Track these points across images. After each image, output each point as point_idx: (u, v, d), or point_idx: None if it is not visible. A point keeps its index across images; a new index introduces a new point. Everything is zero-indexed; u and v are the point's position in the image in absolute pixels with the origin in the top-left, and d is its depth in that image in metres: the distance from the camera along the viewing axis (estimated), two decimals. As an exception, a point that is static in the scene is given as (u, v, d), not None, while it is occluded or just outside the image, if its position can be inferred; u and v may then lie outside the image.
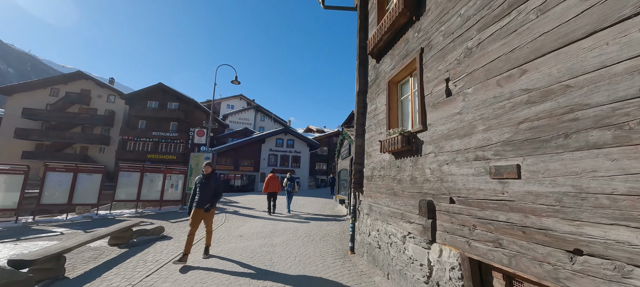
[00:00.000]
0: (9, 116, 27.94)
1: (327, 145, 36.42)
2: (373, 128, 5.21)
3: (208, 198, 4.83)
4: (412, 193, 3.48)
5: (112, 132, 30.71)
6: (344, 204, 10.05)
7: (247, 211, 10.85)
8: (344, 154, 10.70)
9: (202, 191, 4.82)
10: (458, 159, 2.71)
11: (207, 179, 4.91)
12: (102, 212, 10.78)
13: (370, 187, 5.06)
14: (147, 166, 11.58)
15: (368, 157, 5.33)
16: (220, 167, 26.50)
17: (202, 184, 4.87)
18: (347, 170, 9.98)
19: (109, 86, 31.80)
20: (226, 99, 50.66)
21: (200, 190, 4.83)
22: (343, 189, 11.63)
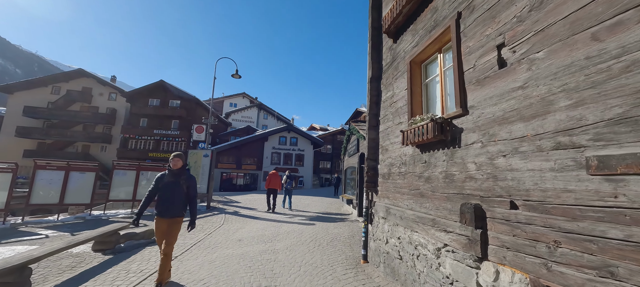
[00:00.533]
0: (10, 115, 27.72)
1: (331, 143, 35.72)
2: (389, 118, 4.49)
3: (179, 204, 3.53)
4: (446, 194, 2.77)
5: (114, 131, 30.36)
6: (351, 205, 9.35)
7: (248, 211, 10.21)
8: (351, 151, 9.99)
9: (168, 193, 3.49)
10: (523, 148, 1.99)
11: (175, 176, 3.55)
12: (96, 212, 10.24)
13: (387, 187, 4.35)
14: (143, 163, 11.00)
15: (384, 152, 4.61)
16: (222, 165, 25.97)
17: (168, 185, 3.51)
18: (354, 167, 9.29)
19: (110, 84, 31.45)
20: (229, 97, 50.20)
21: (165, 192, 3.49)
22: (350, 188, 10.92)
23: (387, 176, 4.35)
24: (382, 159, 4.63)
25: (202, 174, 10.52)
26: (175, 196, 3.51)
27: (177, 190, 3.52)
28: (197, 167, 10.70)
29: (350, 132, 9.84)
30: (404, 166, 3.78)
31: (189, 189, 3.62)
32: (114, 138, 30.19)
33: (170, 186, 3.54)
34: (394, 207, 3.95)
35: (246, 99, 50.42)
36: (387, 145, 4.51)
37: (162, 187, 3.54)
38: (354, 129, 8.92)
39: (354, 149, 9.41)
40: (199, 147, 11.55)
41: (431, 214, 3.00)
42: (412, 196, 3.46)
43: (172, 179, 3.56)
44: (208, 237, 6.49)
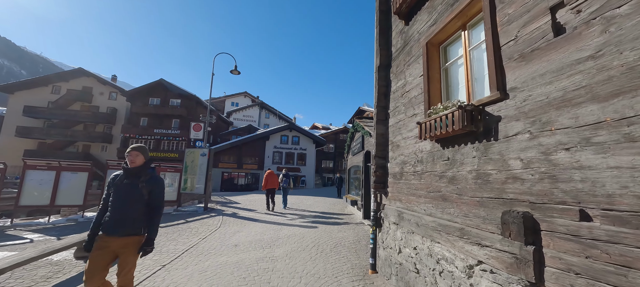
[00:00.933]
0: (10, 114, 27.56)
1: (333, 142, 35.19)
2: (401, 110, 3.97)
3: (137, 217, 2.47)
4: (479, 199, 2.25)
5: (114, 130, 30.11)
6: (356, 206, 8.84)
7: (248, 212, 9.74)
8: (355, 149, 9.46)
9: (121, 200, 2.45)
10: (599, 138, 1.47)
11: (133, 178, 2.51)
12: (90, 214, 9.83)
13: (398, 188, 3.83)
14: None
15: (395, 149, 4.09)
16: (223, 165, 25.58)
17: (122, 189, 2.48)
18: (359, 166, 8.77)
19: (110, 83, 31.19)
20: (230, 96, 49.86)
21: (116, 199, 2.45)
22: (354, 189, 10.40)
23: (399, 175, 3.82)
24: (393, 156, 4.11)
25: (199, 174, 10.07)
26: (130, 204, 2.44)
27: (135, 196, 2.46)
28: (194, 167, 10.25)
29: (355, 129, 9.32)
30: (420, 164, 3.26)
31: (152, 196, 2.55)
32: (114, 138, 29.94)
33: (124, 190, 2.46)
34: (408, 211, 3.43)
35: (248, 98, 50.03)
36: (398, 140, 3.98)
37: (113, 192, 2.48)
38: (358, 126, 8.40)
39: (358, 147, 8.89)
40: (195, 145, 11.10)
41: (457, 221, 2.48)
42: (432, 200, 2.94)
43: (128, 180, 2.49)
44: (202, 242, 6.01)
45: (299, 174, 27.39)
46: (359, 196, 8.57)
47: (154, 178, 2.64)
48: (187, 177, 10.39)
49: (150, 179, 2.60)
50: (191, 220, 8.46)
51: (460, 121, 2.31)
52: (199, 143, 11.06)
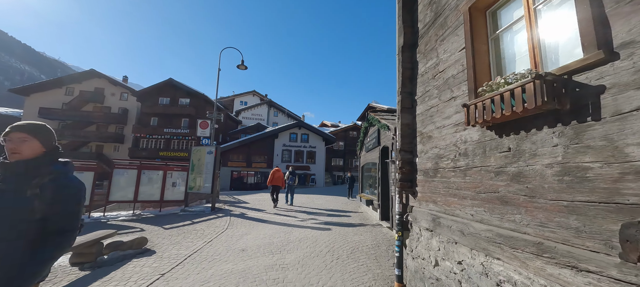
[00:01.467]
0: (27, 116, 28.24)
1: (343, 140, 34.52)
2: (433, 95, 3.34)
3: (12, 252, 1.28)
4: (568, 203, 1.62)
5: (126, 130, 30.45)
6: (371, 206, 8.22)
7: (256, 213, 9.27)
8: (369, 145, 8.83)
9: None
10: None
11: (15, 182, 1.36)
12: (96, 214, 9.61)
13: (432, 187, 3.21)
14: (145, 162, 10.29)
15: (425, 141, 3.46)
16: (233, 163, 25.37)
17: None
18: (375, 163, 8.13)
19: (121, 84, 31.55)
20: (239, 95, 49.84)
21: None
22: (369, 187, 9.77)
23: (433, 172, 3.20)
24: (423, 149, 3.49)
25: (206, 173, 9.68)
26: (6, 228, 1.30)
27: (16, 213, 1.33)
28: (200, 166, 9.87)
29: (369, 123, 8.68)
30: (463, 158, 2.63)
31: (52, 214, 1.40)
32: (126, 138, 30.28)
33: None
34: (447, 216, 2.81)
35: (256, 97, 49.88)
36: (429, 131, 3.36)
37: None
38: (373, 120, 7.76)
39: (373, 143, 8.25)
40: (201, 143, 10.73)
41: (528, 232, 1.85)
42: (483, 202, 2.31)
43: (5, 185, 1.36)
44: (207, 246, 5.55)
45: (309, 172, 26.91)
46: (376, 196, 7.95)
47: (60, 182, 1.46)
48: (194, 176, 10.02)
49: (54, 182, 1.43)
50: (197, 221, 8.06)
51: (539, 96, 1.67)
52: (205, 141, 10.68)
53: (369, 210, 8.83)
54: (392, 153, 6.41)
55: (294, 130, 27.44)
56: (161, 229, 7.27)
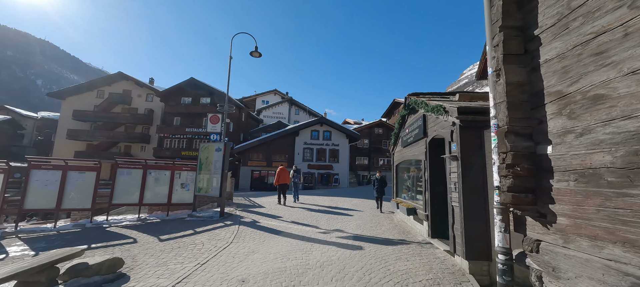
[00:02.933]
0: (63, 119, 29.70)
1: (368, 137, 32.41)
2: (595, 16, 1.50)
3: None
4: None
5: (151, 130, 30.97)
6: (414, 216, 6.37)
7: (271, 221, 7.82)
8: (409, 138, 6.96)
9: None
10: None
11: None
12: (100, 218, 8.77)
13: (607, 210, 1.38)
14: (150, 161, 9.30)
15: (580, 109, 1.64)
16: (252, 163, 24.48)
17: None
18: (419, 161, 6.26)
19: (147, 85, 32.19)
20: (260, 94, 49.58)
21: None
22: (406, 190, 7.90)
23: (612, 174, 1.39)
24: (574, 127, 1.68)
25: (214, 173, 8.43)
26: None
27: None
28: (209, 165, 8.65)
29: (408, 109, 6.82)
30: None
31: None
32: (151, 138, 30.79)
33: None
34: None
35: (278, 96, 49.27)
36: (594, 86, 1.54)
37: None
38: (416, 103, 5.91)
39: (415, 134, 6.39)
40: (209, 139, 9.55)
41: None
42: None
43: None
44: (198, 271, 4.13)
45: (332, 172, 25.27)
46: (420, 203, 6.10)
47: None
48: (202, 177, 8.83)
49: None
50: (201, 230, 6.78)
51: None
52: (214, 136, 9.47)
53: (409, 220, 6.97)
54: (450, 145, 4.56)
55: (316, 128, 25.95)
56: (156, 240, 6.05)
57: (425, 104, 5.45)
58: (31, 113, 40.78)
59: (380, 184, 9.51)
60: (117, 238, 6.30)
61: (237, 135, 32.14)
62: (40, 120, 37.54)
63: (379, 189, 9.50)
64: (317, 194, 16.17)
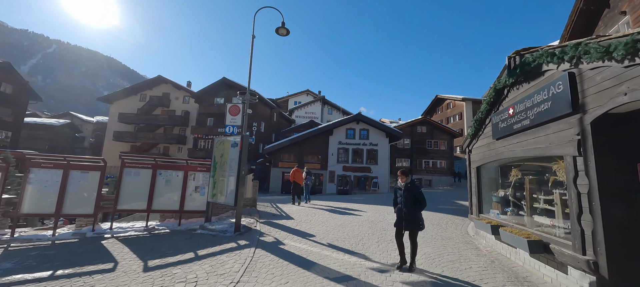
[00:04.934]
0: (111, 122, 31.55)
1: (409, 136, 28.97)
2: None
3: None
4: None
5: (188, 132, 31.43)
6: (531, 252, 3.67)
7: (300, 242, 5.68)
8: (522, 120, 4.25)
9: None
10: None
11: None
12: (105, 225, 7.52)
13: None
14: (161, 160, 7.86)
15: None
16: (283, 164, 22.92)
17: None
18: (550, 159, 3.58)
19: (184, 88, 32.88)
20: (293, 95, 48.85)
21: None
22: (501, 205, 5.19)
23: None
24: None
25: (229, 174, 6.61)
26: None
27: None
28: (223, 164, 6.87)
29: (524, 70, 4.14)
30: None
31: None
32: (188, 139, 31.23)
33: None
34: None
35: (310, 96, 47.97)
36: None
37: None
38: (551, 55, 3.27)
39: (545, 111, 3.69)
40: (226, 132, 7.82)
41: None
42: None
43: None
44: None
45: (370, 174, 22.59)
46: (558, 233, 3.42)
47: None
48: (216, 180, 7.08)
49: None
50: (204, 254, 4.90)
51: None
52: (231, 128, 7.71)
53: (519, 255, 4.28)
54: None
55: (351, 126, 23.52)
56: (140, 268, 4.30)
57: (585, 48, 2.82)
58: (90, 118, 44.98)
59: (408, 199, 4.22)
60: (99, 260, 4.72)
61: (268, 135, 31.12)
62: (95, 124, 40.99)
63: (409, 210, 4.19)
64: (355, 200, 13.74)
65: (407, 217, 4.14)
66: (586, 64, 2.96)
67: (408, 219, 4.14)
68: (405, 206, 4.18)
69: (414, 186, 4.29)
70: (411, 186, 4.27)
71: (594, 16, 7.86)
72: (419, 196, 4.18)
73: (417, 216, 4.16)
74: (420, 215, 4.20)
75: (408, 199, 4.18)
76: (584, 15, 7.95)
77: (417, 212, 4.18)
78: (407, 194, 4.21)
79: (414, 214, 4.15)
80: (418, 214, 4.18)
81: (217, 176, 7.04)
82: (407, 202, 4.18)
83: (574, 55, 2.98)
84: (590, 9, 7.85)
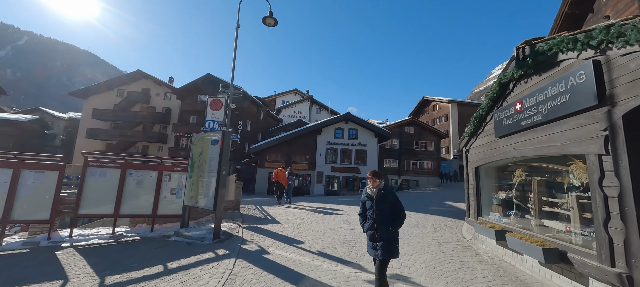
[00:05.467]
0: (84, 118, 29.52)
1: (397, 137, 28.96)
2: None
3: None
4: None
5: (169, 130, 29.96)
6: (544, 258, 3.30)
7: (287, 249, 5.11)
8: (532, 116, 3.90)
9: None
10: None
11: None
12: (64, 233, 6.62)
13: None
14: (132, 159, 7.04)
15: None
16: (270, 164, 22.17)
17: None
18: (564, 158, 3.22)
19: (165, 83, 31.32)
20: (280, 94, 48.09)
21: None
22: (502, 208, 4.86)
23: None
24: None
25: (209, 174, 5.93)
26: None
27: None
28: (202, 163, 6.18)
29: (536, 61, 3.78)
30: None
31: None
32: (169, 137, 29.76)
33: None
34: None
35: (298, 96, 47.34)
36: None
37: None
38: (572, 42, 2.91)
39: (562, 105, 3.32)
40: (205, 128, 7.14)
41: None
42: None
43: None
44: None
45: (358, 175, 22.26)
46: (576, 240, 3.06)
47: None
48: (194, 180, 6.38)
49: None
50: (175, 267, 4.23)
51: None
52: (210, 124, 7.03)
53: (527, 263, 3.93)
54: None
55: (340, 125, 23.13)
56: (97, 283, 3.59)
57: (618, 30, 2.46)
58: (61, 114, 42.08)
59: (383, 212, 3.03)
60: (45, 276, 3.94)
61: (255, 134, 30.18)
62: (68, 121, 38.36)
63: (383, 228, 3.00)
64: (344, 202, 13.29)
65: (381, 239, 2.94)
66: (617, 50, 2.60)
67: (382, 240, 2.93)
68: (379, 222, 2.97)
69: (389, 193, 3.07)
70: (385, 193, 3.05)
71: (578, 20, 7.89)
72: (397, 205, 3.03)
73: (393, 237, 2.97)
74: (397, 235, 3.03)
75: (382, 212, 2.98)
76: (569, 19, 8.01)
77: (395, 231, 2.99)
78: (381, 205, 3.00)
79: (389, 233, 2.94)
80: (395, 234, 3.00)
81: (195, 176, 6.34)
82: (381, 217, 2.96)
83: (603, 40, 2.63)
84: (575, 13, 7.95)
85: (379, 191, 3.06)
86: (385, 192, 3.06)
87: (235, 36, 7.94)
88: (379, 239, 2.95)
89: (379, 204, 3.01)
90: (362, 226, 3.23)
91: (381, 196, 3.04)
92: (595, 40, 2.71)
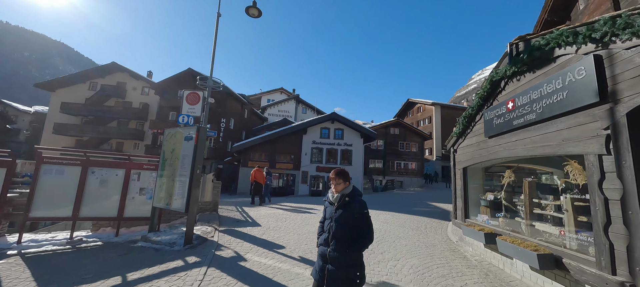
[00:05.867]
0: (51, 112, 27.40)
1: (383, 137, 29.11)
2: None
3: None
4: None
5: (146, 126, 28.41)
6: (539, 264, 3.12)
7: (267, 256, 4.69)
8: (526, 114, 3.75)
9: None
10: None
11: None
12: (12, 238, 5.83)
13: None
14: (93, 155, 6.35)
15: None
16: (253, 163, 21.48)
17: None
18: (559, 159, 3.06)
19: (143, 77, 29.72)
20: (266, 93, 47.22)
21: None
22: (489, 210, 4.71)
23: None
24: None
25: (181, 174, 5.41)
26: None
27: None
28: (174, 161, 5.64)
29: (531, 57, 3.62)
30: None
31: None
32: (146, 134, 28.23)
33: None
34: None
35: (284, 95, 46.69)
36: None
37: None
38: (574, 35, 2.73)
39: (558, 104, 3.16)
40: (178, 122, 6.58)
41: None
42: None
43: None
44: None
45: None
46: (571, 244, 2.89)
47: None
48: (164, 181, 5.81)
49: None
50: (138, 277, 3.71)
51: None
52: (185, 119, 6.48)
53: (506, 264, 3.76)
54: None
55: (326, 125, 22.83)
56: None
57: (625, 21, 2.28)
58: (27, 107, 38.96)
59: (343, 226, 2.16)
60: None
61: (238, 132, 29.28)
62: (33, 115, 35.58)
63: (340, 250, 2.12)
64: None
65: (333, 262, 2.09)
66: (621, 43, 2.44)
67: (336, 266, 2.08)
68: (335, 238, 2.13)
69: (355, 202, 2.20)
70: (350, 201, 2.19)
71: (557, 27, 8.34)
72: (364, 221, 2.16)
73: (354, 261, 2.12)
74: (361, 259, 2.17)
75: (342, 227, 2.14)
76: (549, 26, 8.37)
77: (354, 254, 2.11)
78: (342, 217, 2.16)
79: (346, 257, 2.08)
80: (357, 257, 2.14)
81: (167, 175, 5.77)
82: (339, 232, 2.13)
83: (608, 32, 2.45)
84: (553, 21, 8.30)
85: (341, 198, 2.19)
86: (350, 201, 2.18)
87: (215, 25, 7.40)
88: (330, 260, 2.09)
89: (340, 214, 2.16)
90: (318, 236, 2.33)
91: (344, 204, 2.18)
92: (599, 33, 2.54)
